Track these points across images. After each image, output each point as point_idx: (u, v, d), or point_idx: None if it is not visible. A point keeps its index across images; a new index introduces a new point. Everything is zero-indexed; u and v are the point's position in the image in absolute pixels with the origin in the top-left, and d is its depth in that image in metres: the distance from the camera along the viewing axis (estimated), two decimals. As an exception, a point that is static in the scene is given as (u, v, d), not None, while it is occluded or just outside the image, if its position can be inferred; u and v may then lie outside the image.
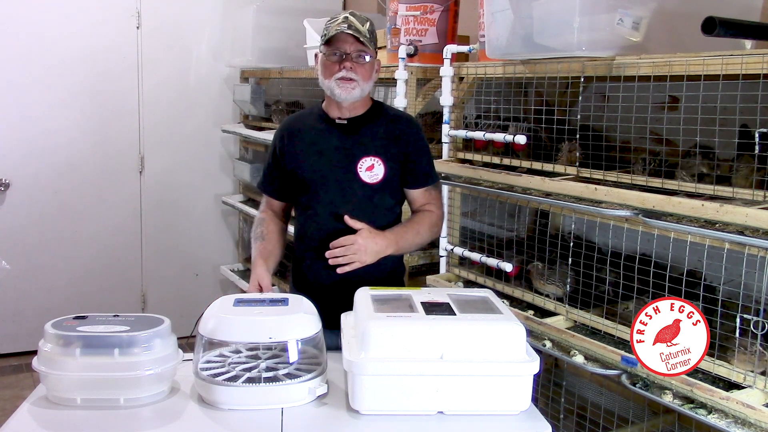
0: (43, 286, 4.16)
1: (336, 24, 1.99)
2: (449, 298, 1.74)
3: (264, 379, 1.61)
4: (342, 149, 2.08)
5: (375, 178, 2.07)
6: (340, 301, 1.85)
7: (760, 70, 1.53)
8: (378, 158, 2.06)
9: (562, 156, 2.14)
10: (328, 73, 2.02)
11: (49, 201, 4.13)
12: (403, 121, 2.15)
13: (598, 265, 1.99)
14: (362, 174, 2.06)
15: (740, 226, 1.54)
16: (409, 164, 2.10)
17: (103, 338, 1.56)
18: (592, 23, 1.87)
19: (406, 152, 2.10)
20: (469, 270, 2.53)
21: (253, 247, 2.17)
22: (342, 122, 2.09)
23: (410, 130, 2.13)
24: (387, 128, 2.10)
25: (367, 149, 2.07)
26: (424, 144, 2.16)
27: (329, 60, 2.01)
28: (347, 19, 1.99)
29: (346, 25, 1.97)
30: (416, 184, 2.14)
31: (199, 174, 4.48)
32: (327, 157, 2.09)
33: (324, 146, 2.10)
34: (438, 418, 1.55)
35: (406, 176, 2.12)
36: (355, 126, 2.09)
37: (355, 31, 1.97)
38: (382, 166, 2.06)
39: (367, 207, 2.08)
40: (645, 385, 1.75)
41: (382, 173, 2.07)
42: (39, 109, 4.03)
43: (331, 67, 2.01)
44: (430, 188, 2.16)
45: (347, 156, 2.07)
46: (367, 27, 2.01)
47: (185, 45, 4.36)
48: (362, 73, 2.01)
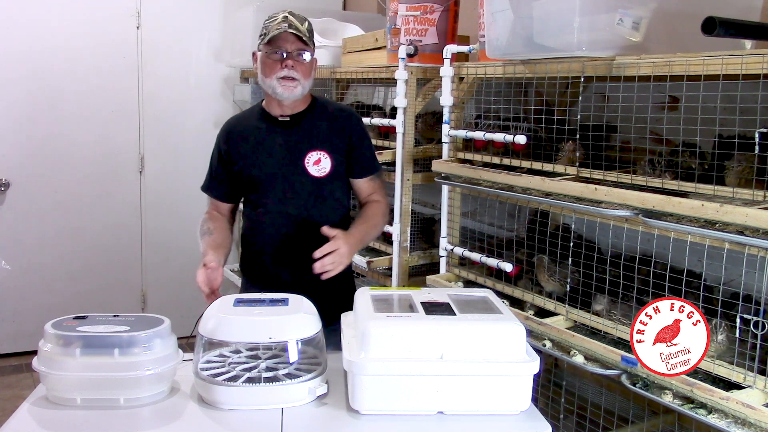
0: (43, 286, 4.16)
1: (276, 23, 2.03)
2: (449, 298, 1.74)
3: (264, 379, 1.61)
4: (288, 145, 2.12)
5: (323, 172, 2.12)
6: (309, 295, 1.85)
7: (760, 70, 1.53)
8: (324, 152, 2.12)
9: (563, 156, 2.14)
10: (269, 72, 2.06)
11: (49, 201, 4.13)
12: (344, 114, 2.22)
13: (598, 265, 1.99)
14: (310, 168, 2.11)
15: (740, 226, 1.54)
16: (353, 155, 2.17)
17: (103, 338, 1.56)
18: (592, 23, 1.87)
19: (350, 143, 2.16)
20: (469, 270, 2.53)
21: (200, 242, 2.15)
22: (285, 119, 2.14)
23: (351, 122, 2.20)
24: (329, 122, 2.16)
25: (313, 144, 2.12)
26: (366, 134, 2.24)
27: (270, 59, 2.05)
28: (287, 18, 2.03)
29: (286, 24, 2.02)
30: (362, 173, 2.20)
31: (199, 174, 4.45)
32: (273, 154, 2.12)
33: (269, 144, 2.13)
34: (438, 418, 1.55)
35: (352, 167, 2.18)
36: (298, 122, 2.14)
37: (296, 30, 2.01)
38: (329, 159, 2.11)
39: (317, 201, 2.13)
40: (645, 385, 1.75)
41: (330, 166, 2.12)
42: (39, 109, 4.03)
43: (273, 66, 2.04)
44: (374, 177, 2.23)
45: (293, 152, 2.12)
46: (306, 26, 2.06)
47: (185, 45, 4.36)
48: (303, 71, 2.06)
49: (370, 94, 3.56)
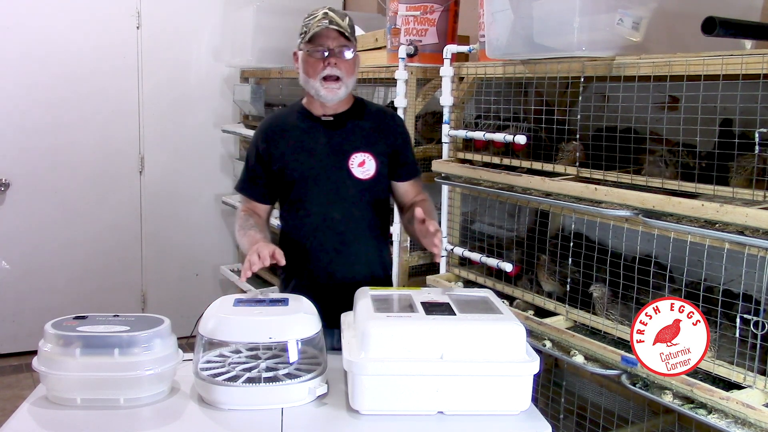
0: (43, 286, 4.16)
1: (317, 21, 1.96)
2: (449, 298, 1.74)
3: (264, 379, 1.61)
4: (331, 146, 2.06)
5: (367, 174, 2.05)
6: (344, 298, 1.85)
7: (760, 70, 1.53)
8: (368, 153, 2.05)
9: (564, 155, 2.14)
10: (312, 72, 1.99)
11: (49, 201, 4.13)
12: (387, 116, 2.17)
13: (598, 265, 1.99)
14: (354, 170, 2.04)
15: (740, 226, 1.54)
16: (399, 158, 2.11)
17: (103, 338, 1.56)
18: (592, 23, 1.87)
19: (394, 146, 2.10)
20: (469, 270, 2.53)
21: (245, 234, 2.03)
22: (328, 119, 2.07)
23: (395, 125, 2.15)
24: (372, 124, 2.10)
25: (357, 145, 2.06)
26: (409, 136, 2.20)
27: (313, 57, 1.98)
28: (327, 14, 1.97)
29: (327, 20, 1.95)
30: (407, 176, 2.14)
31: (199, 174, 4.48)
32: (317, 155, 2.06)
33: (311, 144, 2.07)
34: (438, 418, 1.55)
35: (397, 170, 2.12)
36: (342, 123, 2.08)
37: (338, 26, 1.95)
38: (373, 161, 2.05)
39: (360, 203, 2.07)
40: (645, 385, 1.75)
41: (374, 168, 2.06)
42: (39, 109, 4.03)
43: (315, 65, 1.98)
44: (417, 179, 2.18)
45: (338, 153, 2.05)
46: (347, 22, 1.99)
47: (185, 45, 4.36)
48: (346, 68, 1.99)
49: (370, 94, 3.56)
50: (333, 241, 2.07)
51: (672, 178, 1.79)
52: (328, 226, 2.06)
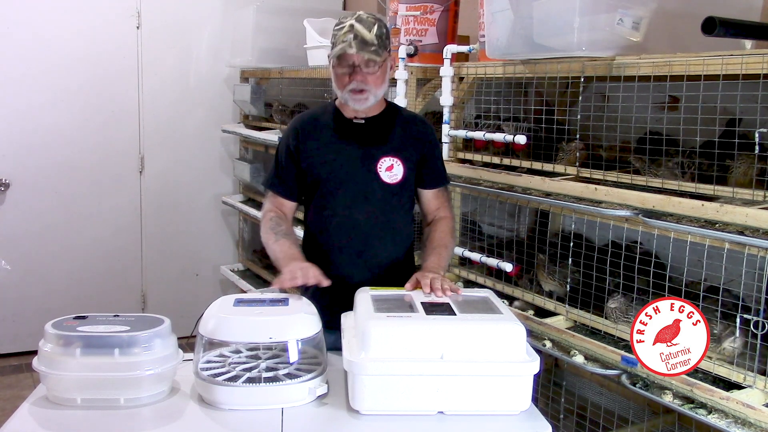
0: (43, 286, 4.16)
1: (342, 34, 1.92)
2: (449, 298, 1.74)
3: (264, 379, 1.61)
4: (361, 149, 2.06)
5: (395, 179, 2.05)
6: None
7: (760, 70, 1.53)
8: (397, 158, 2.05)
9: (565, 155, 2.14)
10: (339, 84, 1.99)
11: (49, 201, 4.13)
12: (417, 122, 2.15)
13: (598, 265, 1.99)
14: (382, 174, 2.04)
15: (740, 226, 1.54)
16: (426, 164, 2.10)
17: (103, 338, 1.56)
18: (592, 23, 1.87)
19: (422, 153, 2.09)
20: (469, 270, 2.53)
21: (276, 241, 2.02)
22: (359, 122, 2.07)
23: (425, 131, 2.13)
24: (403, 129, 2.09)
25: (386, 150, 2.05)
26: (438, 144, 2.18)
27: (338, 72, 1.97)
28: (353, 27, 1.92)
29: (352, 35, 1.90)
30: (433, 184, 2.13)
31: (199, 174, 4.48)
32: (346, 156, 2.05)
33: (342, 146, 2.06)
34: (438, 418, 1.55)
35: (422, 177, 2.11)
36: (373, 126, 2.07)
37: (360, 44, 1.90)
38: (401, 166, 2.05)
39: (386, 207, 2.07)
40: (645, 385, 1.75)
41: (402, 174, 2.05)
42: (39, 109, 4.02)
43: (342, 78, 1.97)
44: (443, 189, 2.16)
45: (367, 156, 2.05)
46: (374, 32, 1.94)
47: (185, 45, 4.36)
48: (373, 81, 1.97)
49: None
50: (356, 243, 2.06)
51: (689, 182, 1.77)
52: (353, 227, 2.05)
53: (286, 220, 2.12)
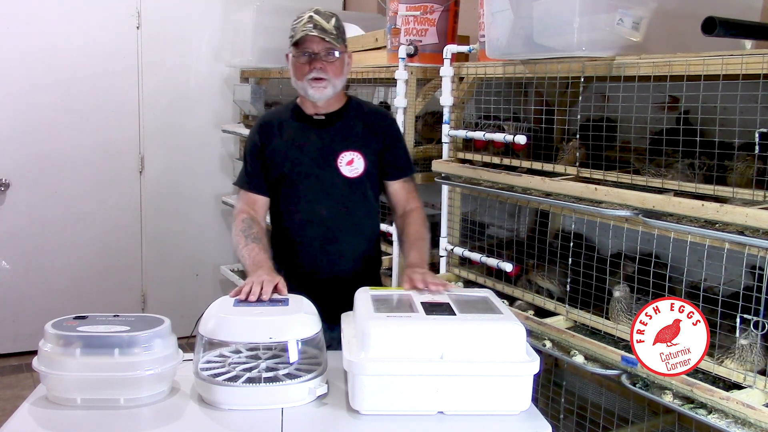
0: (43, 286, 4.16)
1: (302, 25, 2.00)
2: (449, 298, 1.74)
3: (264, 379, 1.61)
4: (321, 145, 2.11)
5: (355, 172, 2.09)
6: (329, 293, 1.93)
7: (760, 70, 1.53)
8: (357, 152, 2.09)
9: (565, 155, 2.13)
10: (299, 74, 2.05)
11: (49, 201, 4.13)
12: (379, 115, 2.21)
13: (597, 265, 1.99)
14: (342, 168, 2.09)
15: (740, 226, 1.54)
16: (387, 156, 2.14)
17: (103, 338, 1.56)
18: (592, 23, 1.87)
19: (384, 145, 2.14)
20: (469, 270, 2.53)
21: (246, 245, 2.01)
22: (319, 118, 2.12)
23: (386, 123, 2.19)
24: (364, 123, 2.14)
25: (347, 144, 2.10)
26: (401, 136, 2.23)
27: (299, 61, 2.04)
28: (312, 18, 2.01)
29: (311, 25, 1.99)
30: (397, 174, 2.17)
31: (199, 174, 4.48)
32: (306, 152, 2.11)
33: (303, 142, 2.12)
34: (438, 418, 1.55)
35: (385, 168, 2.15)
36: (333, 121, 2.13)
37: (321, 31, 1.99)
38: (362, 160, 2.09)
39: (348, 201, 2.11)
40: (645, 385, 1.75)
41: (362, 167, 2.09)
42: (39, 109, 4.02)
43: (302, 68, 2.03)
44: (408, 179, 2.20)
45: (327, 151, 2.10)
46: (332, 24, 2.03)
47: (185, 45, 4.36)
48: (333, 70, 2.03)
49: (370, 94, 3.56)
50: (320, 237, 2.11)
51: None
52: (316, 221, 2.10)
53: (258, 221, 2.13)
